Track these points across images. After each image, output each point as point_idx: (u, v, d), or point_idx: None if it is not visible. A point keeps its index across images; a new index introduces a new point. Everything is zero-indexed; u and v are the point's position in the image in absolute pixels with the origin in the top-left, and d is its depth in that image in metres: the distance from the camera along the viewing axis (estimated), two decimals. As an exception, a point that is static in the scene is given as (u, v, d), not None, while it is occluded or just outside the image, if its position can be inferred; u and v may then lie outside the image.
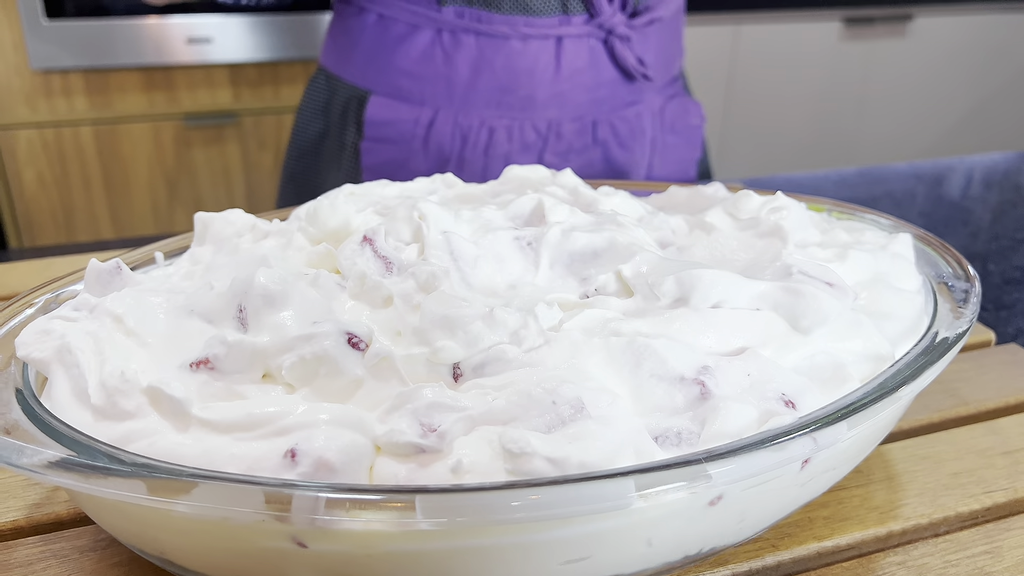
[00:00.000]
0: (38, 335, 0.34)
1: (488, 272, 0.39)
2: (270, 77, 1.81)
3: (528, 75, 0.79)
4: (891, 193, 0.90)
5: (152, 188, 1.82)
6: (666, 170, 0.90)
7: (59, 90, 1.70)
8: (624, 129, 0.84)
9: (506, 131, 0.80)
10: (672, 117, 0.89)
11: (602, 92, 0.82)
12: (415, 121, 0.80)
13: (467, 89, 0.79)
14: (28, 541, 0.36)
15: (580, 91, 0.81)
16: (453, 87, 0.79)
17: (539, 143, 0.82)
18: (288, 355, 0.32)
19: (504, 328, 0.33)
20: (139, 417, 0.31)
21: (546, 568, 0.30)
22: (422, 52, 0.79)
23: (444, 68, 0.79)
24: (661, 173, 0.90)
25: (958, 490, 0.39)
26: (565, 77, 0.79)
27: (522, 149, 0.81)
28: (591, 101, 0.82)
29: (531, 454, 0.28)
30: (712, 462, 0.27)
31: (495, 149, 0.81)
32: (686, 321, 0.35)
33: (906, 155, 2.43)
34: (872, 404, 0.31)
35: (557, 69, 0.79)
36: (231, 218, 0.44)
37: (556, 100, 0.80)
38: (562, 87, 0.80)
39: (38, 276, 0.62)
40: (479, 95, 0.79)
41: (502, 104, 0.80)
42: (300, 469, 0.28)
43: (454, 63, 0.78)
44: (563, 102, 0.80)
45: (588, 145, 0.83)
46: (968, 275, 0.42)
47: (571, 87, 0.80)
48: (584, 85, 0.81)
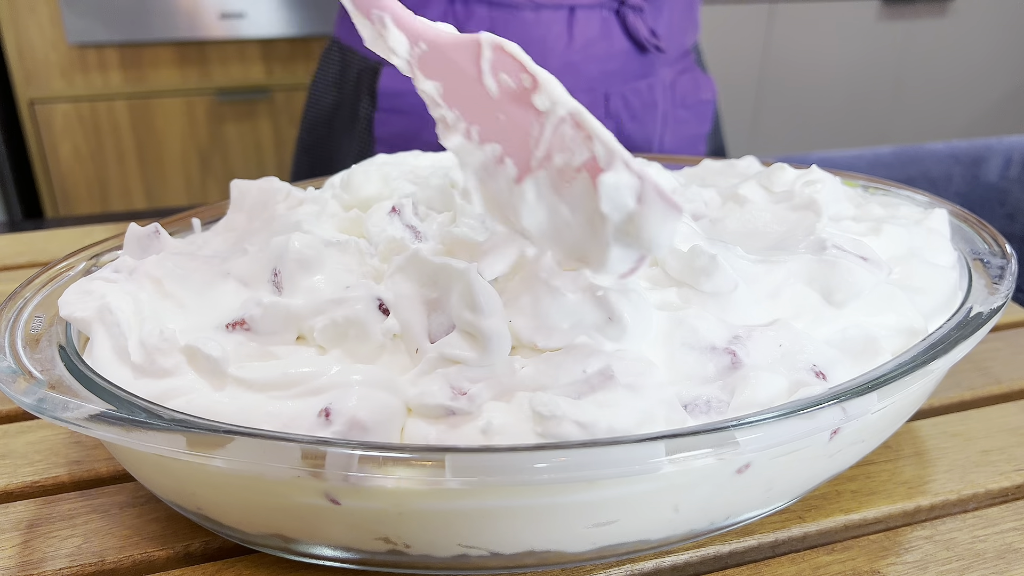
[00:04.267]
0: (80, 295, 0.35)
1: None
2: (302, 52, 1.81)
3: (540, 46, 0.78)
4: (927, 173, 0.89)
5: (185, 162, 1.85)
6: (675, 144, 0.90)
7: (95, 65, 1.72)
8: (637, 102, 0.83)
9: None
10: (683, 91, 0.88)
11: (614, 64, 0.81)
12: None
13: None
14: (70, 496, 0.37)
15: (592, 63, 0.80)
16: None
17: None
18: (320, 317, 0.33)
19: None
20: (177, 375, 0.32)
21: (573, 531, 0.30)
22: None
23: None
24: (670, 147, 0.89)
25: (988, 467, 0.39)
26: (577, 48, 0.79)
27: None
28: (603, 73, 0.81)
29: (560, 417, 0.28)
30: (740, 429, 0.28)
31: None
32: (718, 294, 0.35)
33: (944, 136, 2.38)
34: (903, 376, 0.31)
35: (569, 40, 0.78)
36: (267, 186, 0.45)
37: (568, 71, 0.79)
38: (574, 58, 0.79)
39: (77, 243, 0.63)
40: None
41: None
42: (334, 428, 0.29)
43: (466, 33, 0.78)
44: (575, 74, 0.80)
45: (600, 118, 0.83)
46: (1004, 252, 0.41)
47: (583, 58, 0.79)
48: (596, 57, 0.80)
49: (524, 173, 0.31)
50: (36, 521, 0.36)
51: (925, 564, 0.34)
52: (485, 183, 0.33)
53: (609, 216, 0.28)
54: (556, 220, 0.31)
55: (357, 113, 0.86)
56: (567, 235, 0.31)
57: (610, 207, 0.28)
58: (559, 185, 0.30)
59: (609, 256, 0.29)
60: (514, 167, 0.31)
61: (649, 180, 0.28)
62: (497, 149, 0.32)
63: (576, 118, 0.29)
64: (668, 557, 0.34)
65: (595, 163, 0.29)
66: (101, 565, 0.33)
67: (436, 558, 0.31)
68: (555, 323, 0.32)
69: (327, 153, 0.92)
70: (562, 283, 0.32)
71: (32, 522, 0.36)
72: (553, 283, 0.32)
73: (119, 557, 0.34)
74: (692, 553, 0.34)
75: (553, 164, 0.30)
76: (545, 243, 0.32)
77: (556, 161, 0.30)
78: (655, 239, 0.28)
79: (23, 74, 1.68)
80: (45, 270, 0.40)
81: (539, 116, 0.30)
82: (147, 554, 0.34)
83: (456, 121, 0.33)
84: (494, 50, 0.31)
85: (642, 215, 0.28)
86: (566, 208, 0.30)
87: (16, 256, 0.64)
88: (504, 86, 0.31)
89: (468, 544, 0.30)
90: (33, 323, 0.36)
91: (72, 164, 1.78)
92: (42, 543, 0.34)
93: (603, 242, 0.29)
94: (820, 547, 0.35)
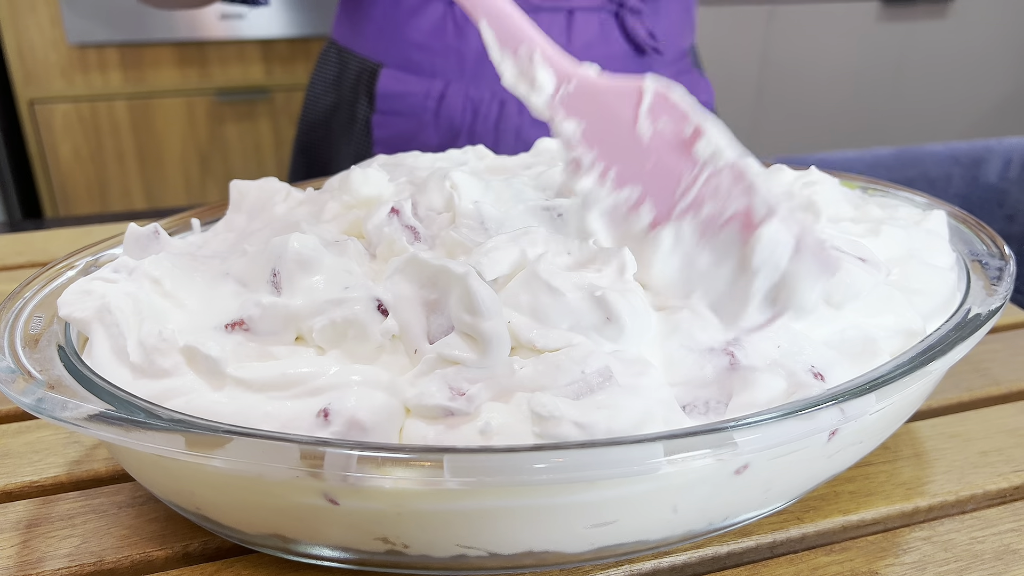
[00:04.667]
0: (79, 295, 0.35)
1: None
2: (302, 53, 1.81)
3: None
4: (926, 174, 0.89)
5: (184, 162, 1.85)
6: None
7: (95, 65, 1.72)
8: None
9: (517, 104, 0.80)
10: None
11: (612, 66, 0.81)
12: (426, 94, 0.80)
13: (478, 62, 0.79)
14: (68, 496, 0.37)
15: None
16: (464, 60, 0.79)
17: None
18: (319, 318, 0.33)
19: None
20: (176, 375, 0.32)
21: (572, 531, 0.30)
22: (434, 25, 0.79)
23: (455, 41, 0.79)
24: None
25: (986, 468, 0.39)
26: (576, 51, 0.79)
27: (533, 123, 0.81)
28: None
29: (559, 418, 0.28)
30: (739, 430, 0.28)
31: (506, 122, 0.81)
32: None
33: (943, 137, 2.38)
34: (901, 377, 0.31)
35: (568, 43, 0.78)
36: (266, 186, 0.45)
37: None
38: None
39: (76, 243, 0.63)
40: (490, 68, 0.79)
41: None
42: (333, 428, 0.29)
43: (466, 36, 0.78)
44: None
45: None
46: (1003, 253, 0.41)
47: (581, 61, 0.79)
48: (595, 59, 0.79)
49: (663, 220, 0.31)
50: (35, 521, 0.36)
51: (923, 565, 0.34)
52: (616, 225, 0.33)
53: (759, 271, 0.28)
54: (690, 270, 0.31)
55: (355, 115, 0.86)
56: (700, 285, 0.31)
57: (762, 262, 0.28)
58: (704, 233, 0.30)
59: (748, 310, 0.29)
60: (650, 214, 0.32)
61: (808, 236, 0.28)
62: (635, 195, 0.32)
63: (737, 169, 0.29)
64: (667, 558, 0.34)
65: (749, 215, 0.29)
66: (100, 565, 0.33)
67: (435, 558, 0.31)
68: (554, 323, 0.32)
69: (324, 155, 0.92)
70: (561, 283, 0.32)
71: (31, 522, 0.36)
72: (553, 283, 0.32)
73: (118, 557, 0.34)
74: (691, 554, 0.34)
75: (702, 213, 0.30)
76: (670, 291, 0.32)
77: (706, 210, 0.30)
78: (803, 298, 0.28)
79: (23, 74, 1.68)
80: (44, 270, 0.40)
81: (694, 164, 0.30)
82: (146, 554, 0.34)
83: (593, 163, 0.33)
84: (655, 96, 0.31)
85: (794, 273, 0.28)
86: (708, 257, 0.30)
87: (15, 256, 0.64)
88: (660, 132, 0.31)
89: (467, 544, 0.30)
90: (32, 323, 0.36)
91: (72, 164, 1.78)
92: (41, 543, 0.34)
93: (744, 296, 0.29)
94: (818, 548, 0.35)
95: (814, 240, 0.28)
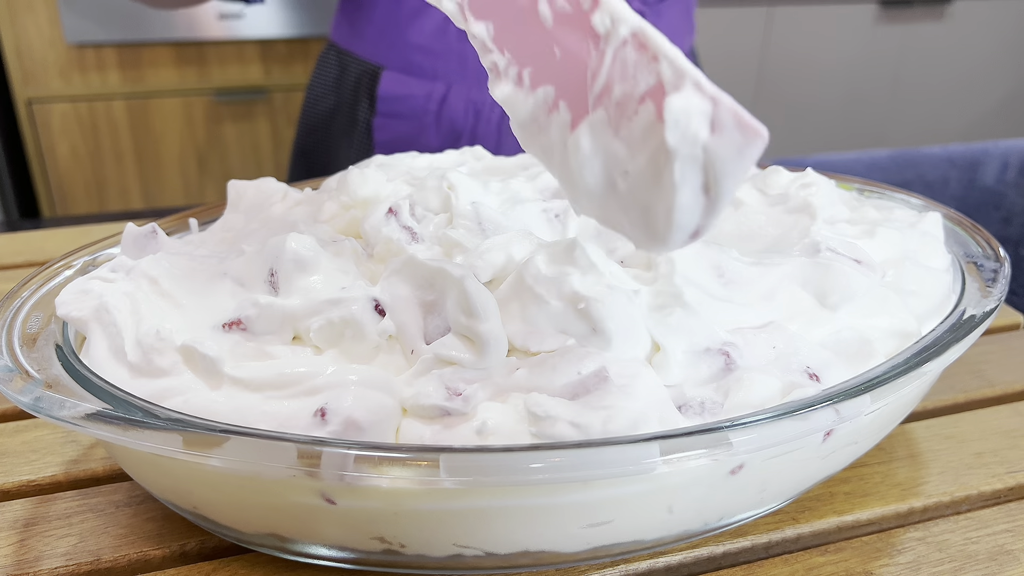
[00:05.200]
0: (77, 295, 0.35)
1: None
2: (300, 53, 1.81)
3: None
4: (923, 177, 0.89)
5: (182, 162, 1.85)
6: None
7: (93, 64, 1.72)
8: None
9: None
10: None
11: None
12: (427, 96, 0.80)
13: (480, 64, 0.79)
14: (66, 495, 0.37)
15: None
16: (466, 62, 0.79)
17: None
18: (316, 318, 0.33)
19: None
20: (173, 375, 0.32)
21: (567, 531, 0.30)
22: (436, 27, 0.79)
23: (458, 43, 0.79)
24: None
25: (981, 469, 0.39)
26: None
27: None
28: None
29: (555, 418, 0.28)
30: (734, 430, 0.28)
31: (508, 124, 0.81)
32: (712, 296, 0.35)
33: (940, 139, 2.39)
34: (897, 378, 0.31)
35: None
36: (264, 186, 0.45)
37: None
38: None
39: (74, 242, 0.63)
40: None
41: None
42: (329, 427, 0.29)
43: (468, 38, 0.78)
44: None
45: None
46: (998, 255, 0.42)
47: None
48: None
49: (580, 117, 0.27)
50: (32, 520, 0.36)
51: (918, 565, 0.34)
52: (536, 138, 0.29)
53: (676, 150, 0.23)
54: (613, 169, 0.26)
55: (356, 118, 0.86)
56: (625, 187, 0.26)
57: (677, 138, 0.23)
58: (619, 122, 0.25)
59: (676, 204, 0.24)
60: (568, 111, 0.27)
61: (725, 103, 0.23)
62: (551, 93, 0.28)
63: (640, 37, 0.24)
64: (662, 558, 0.34)
65: (661, 89, 0.24)
66: (97, 564, 0.34)
67: (431, 558, 0.31)
68: (544, 329, 0.32)
69: (324, 157, 0.92)
70: (545, 290, 0.32)
71: (28, 521, 0.36)
72: (537, 290, 0.32)
73: (115, 556, 0.34)
74: (686, 554, 0.34)
75: (613, 97, 0.25)
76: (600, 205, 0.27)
77: (616, 93, 0.25)
78: (729, 174, 0.23)
79: (21, 73, 1.68)
80: (42, 269, 0.40)
81: (597, 41, 0.25)
82: (143, 553, 0.34)
83: (507, 66, 0.29)
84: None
85: (717, 146, 0.23)
86: (624, 148, 0.25)
87: (13, 255, 0.64)
88: (559, 12, 0.27)
89: (463, 544, 0.30)
90: (30, 322, 0.36)
91: (70, 164, 1.78)
92: (38, 542, 0.35)
93: (669, 187, 0.24)
94: (813, 548, 0.35)
95: (731, 106, 0.23)
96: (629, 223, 0.26)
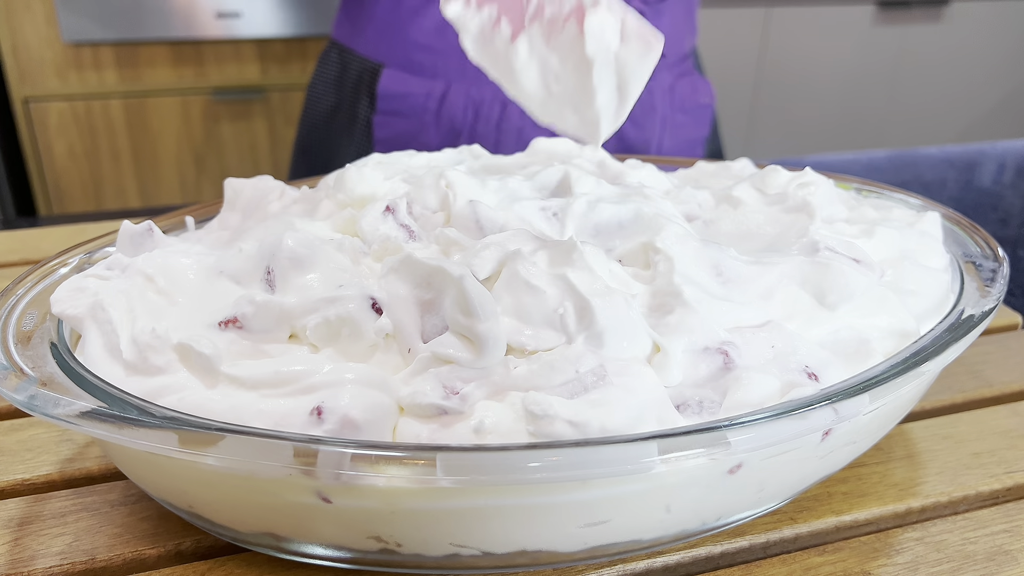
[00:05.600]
0: (72, 292, 0.35)
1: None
2: (297, 52, 1.81)
3: None
4: (921, 178, 0.89)
5: (180, 161, 1.84)
6: (673, 148, 0.90)
7: (90, 63, 1.72)
8: (636, 107, 0.84)
9: (518, 105, 0.80)
10: (682, 95, 0.88)
11: None
12: (427, 94, 0.80)
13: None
14: (61, 494, 0.37)
15: None
16: (466, 60, 0.79)
17: None
18: (313, 316, 0.33)
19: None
20: (169, 373, 0.31)
21: (565, 530, 0.30)
22: (436, 25, 0.79)
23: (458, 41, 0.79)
24: (668, 151, 0.90)
25: (979, 470, 0.39)
26: None
27: (535, 123, 0.81)
28: None
29: (553, 416, 0.28)
30: (732, 429, 0.28)
31: (507, 123, 0.81)
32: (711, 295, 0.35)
33: (938, 140, 2.39)
34: (895, 378, 0.31)
35: None
36: (261, 184, 0.45)
37: None
38: None
39: (70, 241, 0.63)
40: None
41: None
42: (326, 426, 0.29)
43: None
44: None
45: None
46: (996, 255, 0.42)
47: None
48: None
49: (518, 31, 0.33)
50: (26, 519, 0.36)
51: (916, 565, 0.34)
52: (485, 49, 0.35)
53: (594, 58, 0.30)
54: (547, 75, 0.33)
55: (356, 115, 0.86)
56: (557, 90, 0.32)
57: (595, 48, 0.30)
58: (550, 37, 0.32)
59: (596, 102, 0.31)
60: (509, 26, 0.33)
61: (630, 18, 0.30)
62: (494, 11, 0.34)
63: None
64: (660, 557, 0.34)
65: (582, 9, 0.30)
66: (92, 563, 0.33)
67: (428, 557, 0.31)
68: (538, 326, 0.32)
69: (325, 155, 0.92)
70: (540, 282, 0.32)
71: (23, 520, 0.36)
72: (532, 282, 0.32)
73: (110, 555, 0.34)
74: (684, 554, 0.34)
75: (545, 17, 0.32)
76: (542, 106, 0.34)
77: (547, 13, 0.32)
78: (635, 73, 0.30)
79: (18, 72, 1.68)
80: (38, 267, 0.40)
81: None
82: (138, 552, 0.34)
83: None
84: None
85: (625, 53, 0.30)
86: (556, 58, 0.32)
87: (9, 253, 0.64)
88: None
89: (460, 543, 0.30)
90: (25, 320, 0.35)
91: (66, 162, 1.77)
92: (32, 541, 0.34)
93: (590, 89, 0.31)
94: (811, 548, 0.35)
95: (636, 21, 0.30)
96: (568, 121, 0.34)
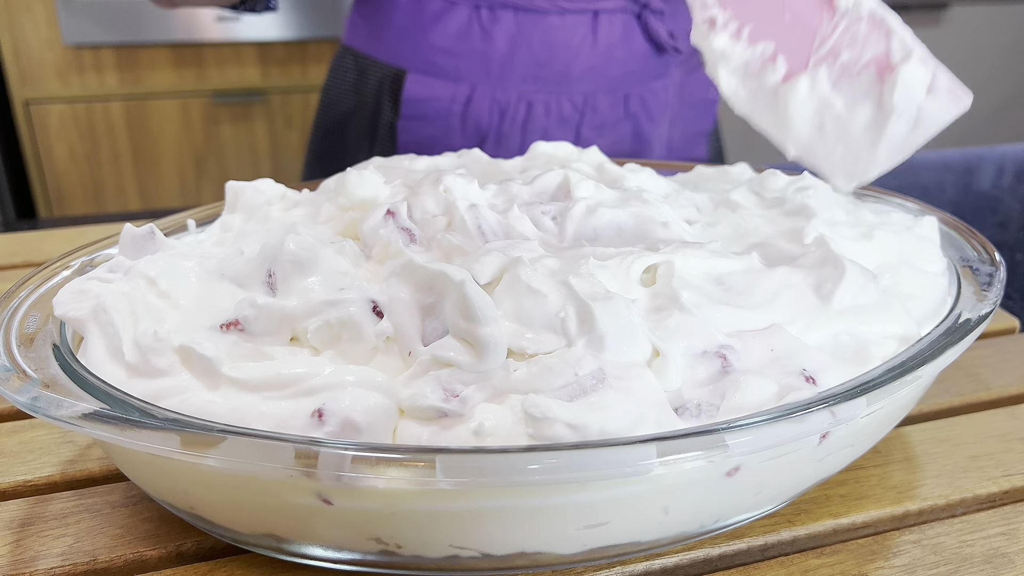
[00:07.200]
0: (75, 295, 0.35)
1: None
2: (298, 55, 1.82)
3: (565, 49, 0.79)
4: (919, 182, 0.89)
5: (180, 164, 1.85)
6: (681, 142, 0.91)
7: (90, 65, 1.72)
8: (653, 102, 0.85)
9: (543, 105, 0.81)
10: (691, 90, 0.89)
11: (634, 65, 0.82)
12: (452, 98, 0.81)
13: (504, 64, 0.79)
14: (62, 495, 0.37)
15: (614, 65, 0.81)
16: (490, 63, 0.80)
17: (576, 117, 0.82)
18: (314, 319, 0.33)
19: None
20: (171, 375, 0.32)
21: (564, 532, 0.30)
22: (459, 29, 0.79)
23: (481, 44, 0.79)
24: (677, 144, 0.90)
25: (976, 472, 0.39)
26: (601, 51, 0.80)
27: (559, 123, 0.82)
28: (624, 75, 0.82)
29: (552, 419, 0.28)
30: (730, 432, 0.28)
31: (533, 123, 0.81)
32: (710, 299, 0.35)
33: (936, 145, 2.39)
34: (892, 381, 0.31)
35: (593, 43, 0.79)
36: (262, 187, 0.45)
37: (591, 74, 0.81)
38: (597, 61, 0.80)
39: (71, 243, 0.63)
40: (516, 70, 0.80)
41: (539, 79, 0.80)
42: (327, 428, 0.29)
43: (492, 39, 0.79)
44: (598, 76, 0.81)
45: (620, 119, 0.84)
46: (993, 259, 0.42)
47: (606, 61, 0.81)
48: (618, 59, 0.81)
49: (797, 71, 0.34)
50: (28, 520, 0.36)
51: (913, 568, 0.34)
52: (745, 82, 0.36)
53: (896, 108, 0.32)
54: (824, 115, 0.34)
55: (376, 120, 0.86)
56: (832, 130, 0.34)
57: (900, 99, 0.32)
58: (839, 80, 0.34)
59: (878, 152, 0.34)
60: (785, 65, 0.35)
61: (941, 73, 0.32)
62: (770, 48, 0.35)
63: (877, 16, 0.33)
64: (658, 559, 0.34)
65: (887, 58, 0.32)
66: (93, 564, 0.33)
67: (427, 559, 0.31)
68: (538, 329, 0.32)
69: (342, 160, 0.92)
70: (542, 286, 0.32)
71: (24, 521, 0.36)
72: (534, 286, 0.32)
73: (111, 556, 0.34)
74: (682, 556, 0.34)
75: (838, 61, 0.33)
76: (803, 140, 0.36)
77: (843, 58, 0.33)
78: (933, 126, 0.33)
79: (18, 75, 1.68)
80: (40, 269, 0.40)
81: (832, 16, 0.33)
82: (139, 553, 0.34)
83: (727, 21, 0.36)
84: None
85: (928, 106, 0.32)
86: (842, 102, 0.34)
87: (10, 256, 0.64)
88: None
89: (459, 545, 0.30)
90: (27, 322, 0.36)
91: (67, 165, 1.78)
92: (34, 542, 0.34)
93: (879, 135, 0.33)
94: (809, 551, 0.35)
95: (947, 76, 0.32)
96: (830, 159, 0.37)
